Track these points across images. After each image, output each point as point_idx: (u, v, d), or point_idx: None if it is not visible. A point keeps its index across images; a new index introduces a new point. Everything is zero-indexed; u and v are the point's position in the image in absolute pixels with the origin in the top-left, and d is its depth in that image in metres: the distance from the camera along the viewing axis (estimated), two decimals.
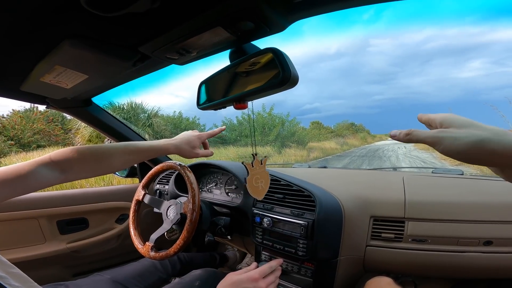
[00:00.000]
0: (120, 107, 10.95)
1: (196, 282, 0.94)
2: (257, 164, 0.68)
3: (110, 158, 0.68)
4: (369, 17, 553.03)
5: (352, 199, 0.93)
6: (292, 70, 0.45)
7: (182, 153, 0.76)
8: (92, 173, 0.68)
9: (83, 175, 0.66)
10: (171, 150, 0.75)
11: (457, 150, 0.33)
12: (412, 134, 0.37)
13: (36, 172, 0.58)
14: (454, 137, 0.33)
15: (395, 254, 0.87)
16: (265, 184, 0.71)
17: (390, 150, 17.16)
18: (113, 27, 0.49)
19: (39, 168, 0.59)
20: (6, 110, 14.75)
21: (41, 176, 0.59)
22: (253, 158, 0.67)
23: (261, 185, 0.70)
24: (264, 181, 0.71)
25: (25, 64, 0.64)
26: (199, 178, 1.31)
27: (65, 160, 0.63)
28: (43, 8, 0.42)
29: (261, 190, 0.70)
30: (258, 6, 0.40)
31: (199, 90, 0.66)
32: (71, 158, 0.63)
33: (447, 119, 0.36)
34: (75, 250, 1.26)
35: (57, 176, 0.61)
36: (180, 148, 0.75)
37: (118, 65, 0.63)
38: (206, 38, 0.49)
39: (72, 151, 0.64)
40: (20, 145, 9.78)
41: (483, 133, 0.32)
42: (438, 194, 0.93)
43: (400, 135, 0.38)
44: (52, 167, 0.61)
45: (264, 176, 0.70)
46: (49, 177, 0.60)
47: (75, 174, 0.64)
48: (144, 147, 0.72)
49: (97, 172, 0.69)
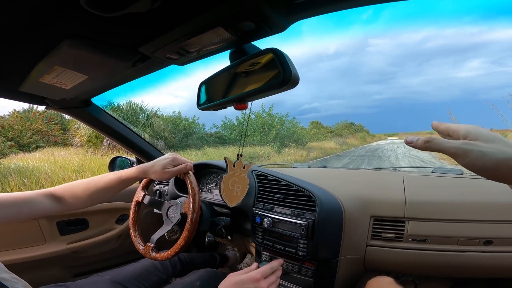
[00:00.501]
0: (119, 107, 10.94)
1: (196, 283, 0.94)
2: (239, 166, 0.64)
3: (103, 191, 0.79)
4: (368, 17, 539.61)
5: (353, 199, 0.93)
6: (292, 71, 0.45)
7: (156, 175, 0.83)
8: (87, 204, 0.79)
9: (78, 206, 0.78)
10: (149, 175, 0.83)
11: (484, 166, 0.31)
12: (433, 142, 0.34)
13: (39, 202, 0.69)
14: (483, 152, 0.31)
15: (396, 254, 0.87)
16: (241, 191, 0.65)
17: (389, 149, 17.19)
18: (113, 27, 0.49)
19: (42, 198, 0.70)
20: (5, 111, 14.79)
21: (42, 205, 0.70)
22: (237, 158, 0.64)
23: (237, 191, 0.65)
24: (241, 187, 0.65)
25: (24, 65, 0.64)
26: (199, 178, 1.31)
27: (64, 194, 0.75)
28: (42, 8, 0.42)
29: (235, 196, 0.65)
30: (259, 7, 0.40)
31: (199, 90, 0.65)
32: (69, 192, 0.76)
33: (473, 131, 0.33)
34: (75, 250, 1.25)
35: (55, 206, 0.73)
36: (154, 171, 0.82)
37: (118, 65, 0.63)
38: (207, 39, 0.49)
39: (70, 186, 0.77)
40: (20, 146, 9.76)
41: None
42: (438, 193, 0.93)
43: (418, 142, 0.36)
44: (52, 199, 0.73)
45: (243, 182, 0.66)
46: (49, 206, 0.72)
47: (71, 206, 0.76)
48: (131, 175, 0.81)
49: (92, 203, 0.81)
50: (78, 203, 0.77)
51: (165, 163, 0.82)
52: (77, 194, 0.77)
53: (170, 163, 0.83)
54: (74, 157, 7.64)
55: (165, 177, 0.83)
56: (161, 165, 0.82)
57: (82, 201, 0.77)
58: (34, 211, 0.69)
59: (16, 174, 5.14)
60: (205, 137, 15.16)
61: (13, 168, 5.72)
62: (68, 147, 10.10)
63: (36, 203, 0.69)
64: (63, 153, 8.61)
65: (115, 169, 1.58)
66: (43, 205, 0.70)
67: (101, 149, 9.18)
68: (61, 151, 9.10)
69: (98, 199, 0.80)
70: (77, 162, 6.73)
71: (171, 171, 0.83)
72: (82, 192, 0.77)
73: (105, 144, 9.21)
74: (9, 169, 5.58)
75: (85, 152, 8.87)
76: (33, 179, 4.96)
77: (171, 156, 0.85)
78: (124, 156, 1.59)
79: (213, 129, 16.54)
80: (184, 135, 13.74)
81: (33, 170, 5.63)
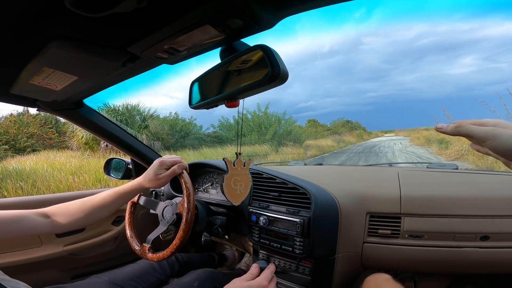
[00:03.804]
0: (115, 109, 10.88)
1: (195, 283, 0.94)
2: (239, 164, 0.65)
3: (100, 208, 0.79)
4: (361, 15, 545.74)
5: (348, 196, 0.93)
6: (281, 67, 0.44)
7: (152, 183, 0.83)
8: (84, 223, 0.80)
9: (74, 226, 0.78)
10: (144, 185, 0.84)
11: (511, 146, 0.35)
12: (463, 127, 0.38)
13: (33, 220, 0.70)
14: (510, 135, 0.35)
15: (393, 251, 0.87)
16: (244, 189, 0.66)
17: (386, 146, 17.26)
18: (100, 28, 0.48)
19: (36, 217, 0.72)
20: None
21: (36, 224, 0.71)
22: (236, 157, 0.65)
23: (240, 189, 0.65)
24: (244, 185, 0.66)
25: (13, 67, 0.63)
26: (195, 178, 1.31)
27: (57, 213, 0.76)
28: (27, 9, 0.41)
29: (239, 195, 0.66)
30: (246, 3, 0.40)
31: (190, 89, 0.65)
32: (63, 212, 0.76)
33: (502, 122, 0.38)
34: (72, 252, 1.25)
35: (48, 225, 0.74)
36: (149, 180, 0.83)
37: (107, 66, 0.62)
38: (195, 37, 0.48)
39: (64, 206, 0.77)
40: (15, 149, 9.68)
41: None
42: (433, 189, 0.93)
43: (448, 128, 0.40)
44: (46, 218, 0.74)
45: (245, 180, 0.66)
46: (42, 226, 0.73)
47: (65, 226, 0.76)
48: (128, 188, 0.82)
49: (89, 222, 0.80)
50: (74, 222, 0.77)
51: (155, 170, 0.83)
52: (72, 213, 0.77)
53: (160, 168, 0.84)
54: (71, 159, 7.59)
55: (161, 182, 0.83)
56: (153, 172, 0.83)
57: (78, 220, 0.77)
58: (27, 229, 0.69)
59: (13, 178, 5.10)
60: (203, 137, 15.14)
61: (10, 171, 5.67)
62: (64, 150, 10.04)
63: (29, 221, 0.70)
64: (60, 156, 8.54)
65: (110, 170, 1.57)
66: (35, 223, 0.71)
67: (99, 152, 9.14)
68: (57, 154, 9.04)
69: (95, 217, 0.80)
70: (74, 164, 6.69)
71: (165, 175, 0.83)
72: (77, 211, 0.77)
73: (102, 146, 9.17)
74: (5, 172, 5.54)
75: (81, 155, 8.81)
76: (29, 183, 4.92)
77: (157, 161, 0.85)
78: (120, 157, 1.58)
79: (210, 129, 16.53)
80: (181, 135, 13.71)
81: (29, 173, 5.59)
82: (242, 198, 0.68)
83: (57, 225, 0.75)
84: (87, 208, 0.78)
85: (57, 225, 0.75)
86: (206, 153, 11.29)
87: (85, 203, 0.78)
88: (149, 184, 0.83)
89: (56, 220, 0.75)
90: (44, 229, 0.73)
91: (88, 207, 0.78)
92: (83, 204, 0.78)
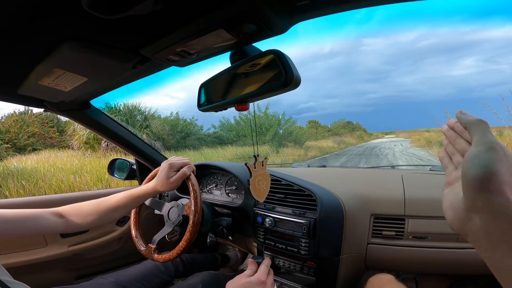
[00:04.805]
0: (116, 109, 10.89)
1: (199, 285, 0.94)
2: (259, 165, 0.68)
3: (114, 210, 0.80)
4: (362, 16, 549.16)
5: (353, 198, 0.94)
6: (294, 72, 0.45)
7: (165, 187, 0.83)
8: (96, 224, 0.79)
9: (86, 226, 0.78)
10: (158, 189, 0.84)
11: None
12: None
13: (47, 219, 0.71)
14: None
15: (396, 252, 0.88)
16: (266, 186, 0.71)
17: (387, 148, 17.26)
18: (114, 30, 0.48)
19: (50, 216, 0.72)
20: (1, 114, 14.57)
21: (50, 222, 0.71)
22: (255, 159, 0.67)
23: (263, 187, 0.70)
24: (265, 183, 0.71)
25: (22, 68, 0.63)
26: (200, 179, 1.31)
27: (71, 213, 0.76)
28: (43, 10, 0.42)
29: (263, 192, 0.70)
30: (261, 9, 0.40)
31: (199, 92, 0.66)
32: (76, 212, 0.76)
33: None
34: (77, 253, 1.25)
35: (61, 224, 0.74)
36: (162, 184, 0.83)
37: (118, 67, 0.63)
38: (208, 40, 0.49)
39: (78, 206, 0.78)
40: (16, 148, 9.69)
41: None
42: (437, 191, 0.94)
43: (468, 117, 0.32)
44: (59, 217, 0.74)
45: (265, 178, 0.70)
46: (56, 225, 0.72)
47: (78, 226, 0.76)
48: (142, 192, 0.83)
49: (102, 223, 0.80)
50: (88, 223, 0.77)
51: (167, 173, 0.83)
52: (86, 213, 0.77)
53: (170, 171, 0.84)
54: (73, 159, 7.60)
55: (173, 186, 0.84)
56: (164, 176, 0.83)
57: (92, 221, 0.77)
58: (42, 228, 0.70)
59: (14, 177, 5.11)
60: (203, 138, 15.14)
61: (11, 170, 5.67)
62: (65, 150, 10.04)
63: (44, 220, 0.70)
64: (61, 156, 8.55)
65: (114, 171, 1.57)
66: (50, 222, 0.71)
67: (99, 151, 9.14)
68: (58, 154, 9.04)
69: (109, 218, 0.80)
70: (75, 164, 6.69)
71: (177, 177, 0.83)
72: (91, 211, 0.77)
73: (103, 146, 9.17)
74: (6, 171, 5.54)
75: (82, 154, 8.81)
76: (31, 182, 4.92)
77: (166, 164, 0.85)
78: (123, 158, 1.59)
79: (211, 129, 16.53)
80: (182, 136, 13.71)
81: (31, 172, 5.60)
82: (266, 194, 0.71)
83: (71, 225, 0.75)
84: (102, 209, 0.78)
85: (71, 225, 0.75)
86: (206, 153, 11.29)
87: (100, 204, 0.78)
88: (162, 188, 0.83)
89: (70, 219, 0.75)
90: (59, 228, 0.74)
91: (103, 209, 0.78)
92: (98, 206, 0.78)
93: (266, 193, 0.71)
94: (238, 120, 15.80)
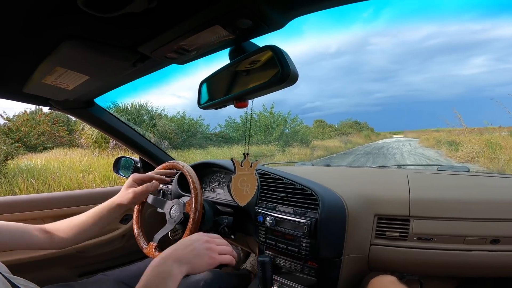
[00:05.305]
0: (124, 108, 11.02)
1: (200, 283, 0.94)
2: (247, 165, 0.65)
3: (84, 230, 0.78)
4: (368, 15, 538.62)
5: (356, 198, 0.92)
6: (291, 67, 0.44)
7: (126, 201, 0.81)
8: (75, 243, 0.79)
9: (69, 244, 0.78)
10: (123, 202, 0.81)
11: None
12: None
13: (35, 236, 0.71)
14: None
15: (400, 253, 0.86)
16: (250, 190, 0.67)
17: (395, 147, 17.03)
18: (111, 28, 0.49)
19: (37, 233, 0.72)
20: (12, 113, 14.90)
21: (37, 239, 0.71)
22: (244, 157, 0.65)
23: (246, 189, 0.66)
24: (251, 186, 0.67)
25: (26, 66, 0.65)
26: (202, 177, 1.31)
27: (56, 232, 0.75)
28: (40, 9, 0.42)
29: (245, 195, 0.66)
30: (255, 4, 0.40)
31: (199, 89, 0.65)
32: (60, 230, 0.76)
33: None
34: (80, 250, 1.26)
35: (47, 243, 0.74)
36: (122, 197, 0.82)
37: (118, 65, 0.63)
38: (205, 37, 0.49)
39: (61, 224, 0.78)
40: (27, 147, 9.89)
41: None
42: (443, 191, 0.92)
43: None
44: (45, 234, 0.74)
45: (251, 180, 0.67)
46: (42, 242, 0.73)
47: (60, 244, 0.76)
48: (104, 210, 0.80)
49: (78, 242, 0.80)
50: (69, 241, 0.77)
51: (128, 187, 0.83)
52: (64, 231, 0.77)
53: (131, 183, 0.84)
54: (81, 157, 7.73)
55: (134, 200, 0.82)
56: (125, 189, 0.82)
57: (70, 238, 0.77)
58: (27, 244, 0.70)
59: (24, 175, 5.22)
60: (210, 137, 15.19)
61: (22, 168, 5.80)
62: (75, 148, 10.21)
63: (30, 236, 0.70)
64: (70, 154, 8.70)
65: (119, 169, 1.59)
66: (36, 239, 0.71)
67: (108, 150, 9.27)
68: (68, 152, 9.21)
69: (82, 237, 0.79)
70: (84, 162, 6.81)
71: (137, 191, 0.82)
72: (68, 229, 0.77)
73: (111, 145, 9.29)
74: (17, 169, 5.67)
75: (91, 153, 8.95)
76: (41, 180, 5.03)
77: (130, 178, 0.85)
78: (128, 156, 1.60)
79: (217, 128, 16.57)
80: (189, 135, 13.79)
81: (41, 170, 5.71)
82: (248, 198, 0.68)
83: (55, 243, 0.75)
84: (75, 227, 0.78)
85: (54, 242, 0.75)
86: (212, 152, 11.34)
87: (72, 221, 0.78)
88: (125, 202, 0.81)
89: (54, 237, 0.75)
90: (43, 245, 0.73)
91: (74, 227, 0.78)
92: (71, 223, 0.78)
93: (248, 197, 0.67)
94: (244, 120, 15.79)
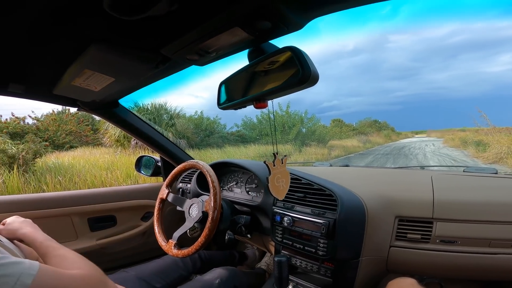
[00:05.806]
0: (144, 108, 11.36)
1: (216, 280, 0.96)
2: (278, 163, 0.68)
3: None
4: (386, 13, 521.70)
5: (376, 199, 0.91)
6: (312, 68, 0.44)
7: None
8: None
9: None
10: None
11: None
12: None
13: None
14: None
15: (421, 256, 0.84)
16: (285, 184, 0.71)
17: (417, 147, 16.38)
18: (135, 31, 0.51)
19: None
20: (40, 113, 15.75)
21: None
22: (274, 157, 0.67)
23: (282, 185, 0.69)
24: (285, 181, 0.70)
25: (56, 69, 0.69)
26: (220, 177, 1.33)
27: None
28: (68, 14, 0.45)
29: (282, 190, 0.70)
30: (274, 5, 0.40)
31: (219, 90, 0.67)
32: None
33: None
34: (103, 246, 1.31)
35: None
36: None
37: (141, 67, 0.66)
38: (225, 39, 0.50)
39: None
40: (54, 146, 10.41)
41: None
42: (469, 193, 0.89)
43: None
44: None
45: (285, 176, 0.70)
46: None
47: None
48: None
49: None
50: None
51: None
52: None
53: None
54: (105, 156, 8.04)
55: None
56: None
57: None
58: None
59: (52, 172, 5.51)
60: (226, 136, 15.34)
61: (49, 166, 6.12)
62: (99, 147, 10.65)
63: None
64: (94, 153, 9.09)
65: (141, 167, 1.64)
66: None
67: (129, 149, 9.59)
68: (92, 151, 9.62)
69: None
70: (107, 160, 7.09)
71: None
72: None
73: (132, 144, 9.60)
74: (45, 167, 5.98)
75: (114, 151, 9.30)
76: (67, 177, 5.28)
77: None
78: (149, 155, 1.65)
79: (234, 128, 16.70)
80: (206, 134, 13.99)
81: (67, 168, 6.01)
82: (285, 192, 0.71)
83: None
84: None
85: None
86: (229, 151, 11.43)
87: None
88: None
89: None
90: None
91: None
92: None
93: (285, 191, 0.71)
94: (260, 119, 15.82)
